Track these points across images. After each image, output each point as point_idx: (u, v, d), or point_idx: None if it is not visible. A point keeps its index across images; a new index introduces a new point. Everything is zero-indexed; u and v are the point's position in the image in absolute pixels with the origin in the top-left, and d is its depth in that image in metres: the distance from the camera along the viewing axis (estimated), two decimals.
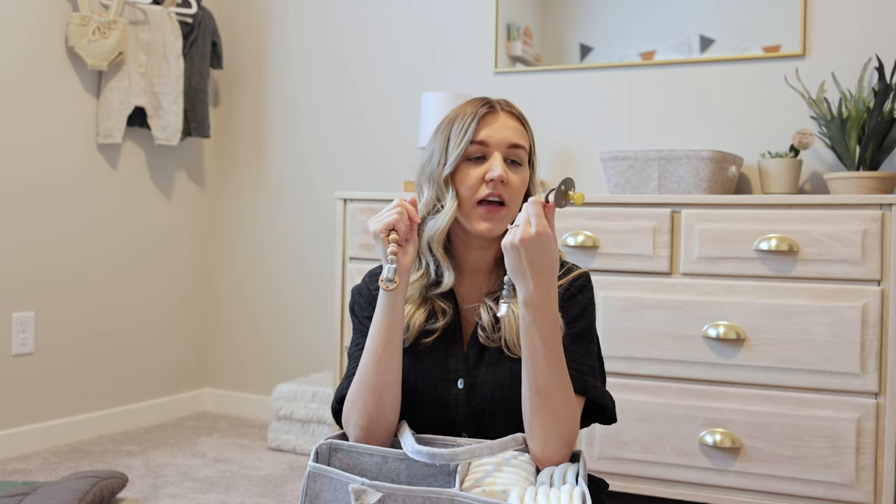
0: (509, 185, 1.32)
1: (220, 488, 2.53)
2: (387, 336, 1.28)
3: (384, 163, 3.21)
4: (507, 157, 1.33)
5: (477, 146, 1.33)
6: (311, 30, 3.39)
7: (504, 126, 1.34)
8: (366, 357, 1.30)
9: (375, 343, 1.29)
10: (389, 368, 1.29)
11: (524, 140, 1.35)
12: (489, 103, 1.36)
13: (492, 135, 1.33)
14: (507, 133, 1.34)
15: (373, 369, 1.28)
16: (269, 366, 3.46)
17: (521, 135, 1.35)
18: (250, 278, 3.51)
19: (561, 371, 1.23)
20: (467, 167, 1.33)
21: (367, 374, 1.29)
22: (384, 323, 1.28)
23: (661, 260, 2.30)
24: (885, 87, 2.35)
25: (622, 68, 2.84)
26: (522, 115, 1.39)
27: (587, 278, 1.40)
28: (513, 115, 1.36)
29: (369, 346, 1.30)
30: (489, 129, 1.33)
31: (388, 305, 1.28)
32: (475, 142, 1.33)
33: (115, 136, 3.07)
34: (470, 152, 1.33)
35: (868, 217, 2.10)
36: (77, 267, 3.04)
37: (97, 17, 2.97)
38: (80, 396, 3.05)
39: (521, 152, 1.34)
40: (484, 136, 1.33)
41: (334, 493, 1.19)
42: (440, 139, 1.36)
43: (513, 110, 1.37)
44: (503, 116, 1.35)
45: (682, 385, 2.28)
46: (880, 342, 2.09)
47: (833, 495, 2.13)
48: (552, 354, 1.22)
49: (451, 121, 1.36)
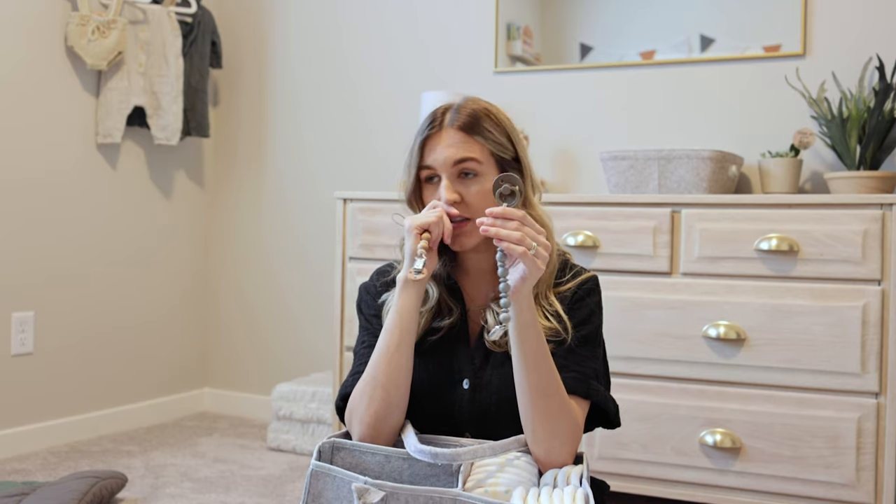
0: (465, 201, 1.32)
1: (220, 488, 2.53)
2: (399, 335, 1.28)
3: (384, 163, 3.21)
4: (459, 173, 1.32)
5: (427, 170, 1.34)
6: (311, 30, 3.39)
7: (447, 144, 1.32)
8: (377, 354, 1.30)
9: (388, 341, 1.29)
10: (400, 367, 1.28)
11: (472, 150, 1.32)
12: (433, 122, 1.35)
13: (435, 157, 1.32)
14: (450, 151, 1.31)
15: (384, 367, 1.28)
16: (269, 366, 3.46)
17: (467, 147, 1.32)
18: (250, 278, 3.51)
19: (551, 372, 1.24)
20: (427, 188, 1.36)
21: (377, 371, 1.29)
22: (398, 322, 1.28)
23: (662, 260, 2.30)
24: (886, 87, 2.34)
25: (622, 68, 2.83)
26: (476, 117, 1.33)
27: (595, 282, 1.40)
28: (460, 127, 1.32)
29: (382, 344, 1.30)
30: (433, 152, 1.33)
31: (403, 305, 1.28)
32: (423, 167, 1.34)
33: (114, 135, 3.07)
34: (424, 175, 1.35)
35: (868, 217, 2.10)
36: (77, 267, 3.03)
37: (97, 17, 2.97)
38: (80, 396, 3.05)
39: (470, 164, 1.31)
40: (429, 161, 1.33)
41: (337, 491, 1.18)
42: (407, 155, 1.38)
43: (459, 121, 1.33)
44: (447, 133, 1.33)
45: (683, 385, 2.28)
46: (881, 342, 2.09)
47: (833, 495, 2.13)
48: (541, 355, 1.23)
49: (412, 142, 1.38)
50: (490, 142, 1.33)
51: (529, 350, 1.22)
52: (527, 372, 1.22)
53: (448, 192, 1.31)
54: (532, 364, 1.22)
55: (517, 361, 1.23)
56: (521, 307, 1.20)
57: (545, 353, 1.23)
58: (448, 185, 1.31)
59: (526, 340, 1.22)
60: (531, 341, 1.22)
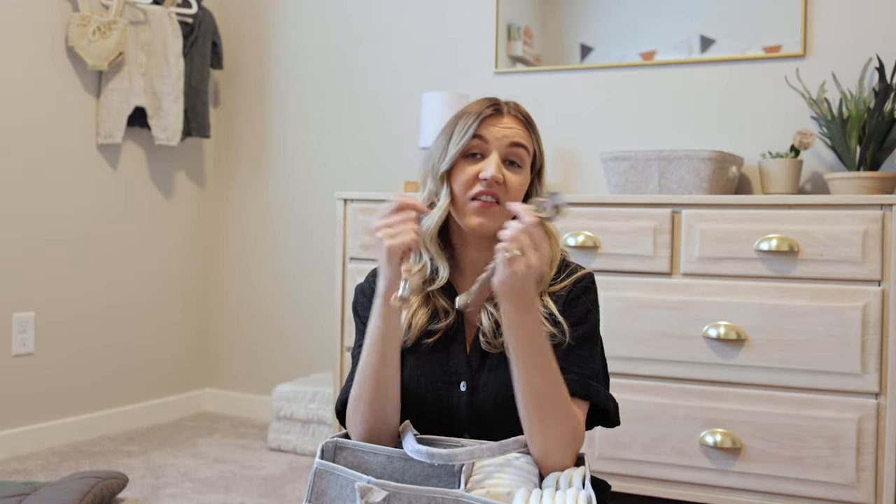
0: (505, 185, 1.31)
1: (221, 488, 2.53)
2: (383, 349, 1.26)
3: (384, 163, 3.21)
4: (507, 157, 1.33)
5: (476, 142, 1.32)
6: (311, 30, 3.39)
7: (507, 126, 1.34)
8: (363, 371, 1.28)
9: (373, 358, 1.27)
10: (388, 379, 1.27)
11: (526, 141, 1.35)
12: (496, 104, 1.36)
13: (492, 133, 1.33)
14: (508, 132, 1.33)
15: (372, 385, 1.27)
16: (269, 366, 3.46)
17: (523, 136, 1.35)
18: (250, 278, 3.51)
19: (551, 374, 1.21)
20: (464, 164, 1.33)
21: (364, 390, 1.27)
22: (382, 334, 1.26)
23: (662, 260, 2.31)
24: (886, 88, 2.35)
25: (622, 68, 2.84)
26: (530, 118, 1.38)
27: (591, 279, 1.39)
28: (518, 118, 1.36)
29: (366, 359, 1.28)
30: (491, 128, 1.33)
31: (388, 316, 1.26)
32: (475, 137, 1.32)
33: (115, 136, 3.07)
34: (469, 148, 1.33)
35: (868, 217, 2.10)
36: (77, 267, 3.04)
37: (97, 18, 2.97)
38: (81, 396, 3.05)
39: (521, 151, 1.34)
40: (486, 135, 1.33)
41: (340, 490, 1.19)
42: (444, 136, 1.37)
43: (519, 113, 1.37)
44: (508, 118, 1.35)
45: (683, 385, 2.28)
46: (881, 342, 2.09)
47: (833, 496, 2.13)
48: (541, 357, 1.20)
49: (456, 118, 1.37)
50: (535, 141, 1.38)
51: (522, 352, 1.19)
52: (521, 375, 1.20)
53: (495, 169, 1.30)
54: (525, 366, 1.19)
55: (512, 363, 1.21)
56: (509, 307, 1.17)
57: (542, 356, 1.20)
58: (497, 161, 1.31)
59: (519, 342, 1.19)
60: (524, 344, 1.19)
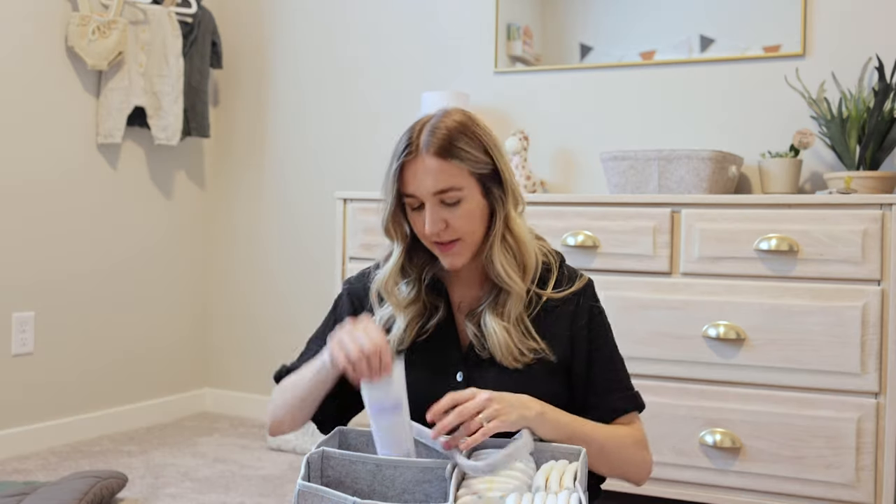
0: (451, 227, 1.29)
1: (220, 488, 2.53)
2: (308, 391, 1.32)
3: (384, 163, 3.19)
4: (440, 201, 1.29)
5: (410, 199, 1.31)
6: (310, 30, 3.39)
7: (425, 173, 1.27)
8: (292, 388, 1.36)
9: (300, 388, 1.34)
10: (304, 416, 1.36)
11: (451, 179, 1.27)
12: (408, 147, 1.29)
13: (416, 186, 1.28)
14: (429, 182, 1.27)
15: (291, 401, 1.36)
16: (269, 366, 3.45)
17: (445, 176, 1.27)
18: (250, 278, 3.51)
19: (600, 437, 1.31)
20: (412, 214, 1.32)
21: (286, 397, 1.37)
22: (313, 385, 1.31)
23: (662, 260, 2.30)
24: (885, 87, 2.35)
25: (622, 68, 2.83)
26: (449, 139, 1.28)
27: (593, 287, 1.41)
28: (435, 152, 1.27)
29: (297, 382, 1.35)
30: (413, 179, 1.28)
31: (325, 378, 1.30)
32: (406, 195, 1.30)
33: (115, 135, 3.07)
34: (406, 202, 1.32)
35: (868, 217, 2.10)
36: (77, 267, 3.04)
37: (97, 17, 2.97)
38: (80, 396, 3.05)
39: (452, 194, 1.28)
40: (412, 190, 1.29)
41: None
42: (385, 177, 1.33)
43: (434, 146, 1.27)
44: (422, 161, 1.28)
45: (682, 385, 2.28)
46: (880, 342, 2.09)
47: (833, 495, 2.13)
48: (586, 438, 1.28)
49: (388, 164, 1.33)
50: (468, 162, 1.28)
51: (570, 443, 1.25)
52: None
53: (431, 225, 1.28)
54: None
55: None
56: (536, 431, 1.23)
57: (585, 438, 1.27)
58: (432, 215, 1.28)
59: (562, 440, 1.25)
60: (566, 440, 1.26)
